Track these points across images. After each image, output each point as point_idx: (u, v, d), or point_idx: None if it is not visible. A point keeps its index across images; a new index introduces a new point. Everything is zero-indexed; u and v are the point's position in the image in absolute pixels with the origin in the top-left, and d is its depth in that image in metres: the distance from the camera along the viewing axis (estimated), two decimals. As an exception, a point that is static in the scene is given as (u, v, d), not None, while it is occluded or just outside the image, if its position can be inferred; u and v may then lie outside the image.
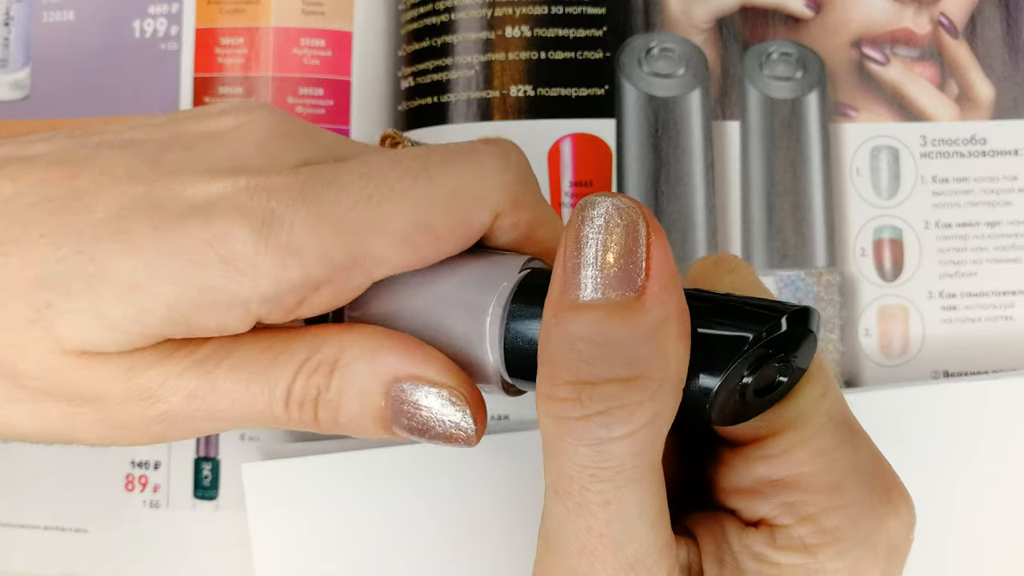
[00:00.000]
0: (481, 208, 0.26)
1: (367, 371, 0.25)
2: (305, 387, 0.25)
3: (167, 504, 0.41)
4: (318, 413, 0.25)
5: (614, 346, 0.21)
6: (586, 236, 0.22)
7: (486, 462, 0.37)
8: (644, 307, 0.21)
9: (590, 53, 0.42)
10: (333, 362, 0.25)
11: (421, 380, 0.25)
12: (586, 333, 0.21)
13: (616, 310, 0.21)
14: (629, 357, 0.21)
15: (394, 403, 0.25)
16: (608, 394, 0.21)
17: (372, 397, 0.25)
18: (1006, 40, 0.42)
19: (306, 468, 0.37)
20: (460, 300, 0.26)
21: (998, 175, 0.42)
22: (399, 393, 0.25)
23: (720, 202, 0.42)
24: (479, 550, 0.37)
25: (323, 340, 0.25)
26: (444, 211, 0.25)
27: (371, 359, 0.25)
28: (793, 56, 0.42)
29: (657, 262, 0.21)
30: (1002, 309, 0.41)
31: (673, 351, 0.21)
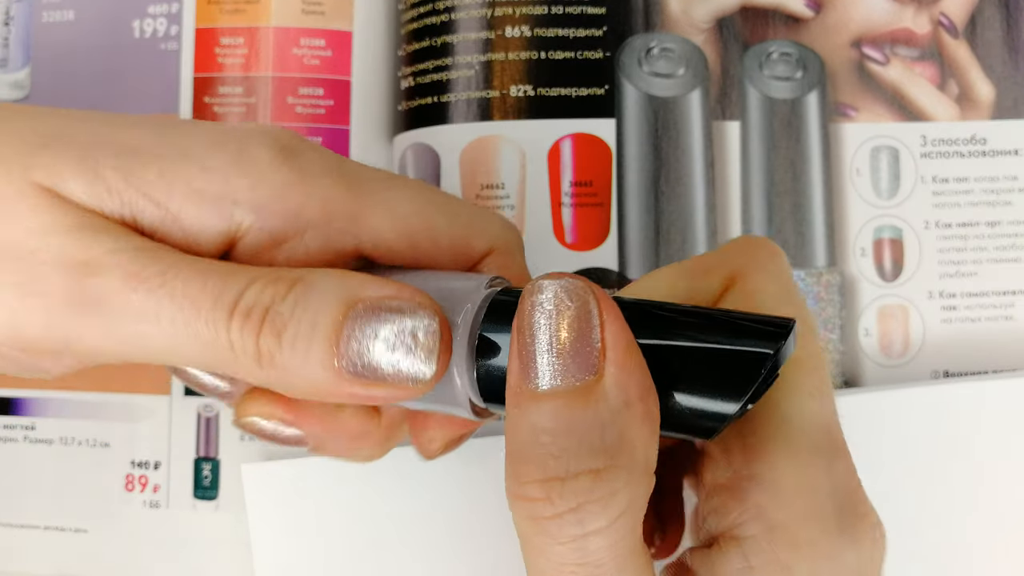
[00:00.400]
0: (482, 237, 0.27)
1: (331, 286, 0.22)
2: (259, 295, 0.22)
3: (167, 504, 0.41)
4: (262, 332, 0.22)
5: (578, 435, 0.20)
6: (537, 322, 0.21)
7: (486, 463, 0.37)
8: (604, 391, 0.20)
9: (590, 53, 0.42)
10: (296, 277, 0.23)
11: (391, 299, 0.22)
12: (549, 424, 0.20)
13: (576, 396, 0.20)
14: (595, 446, 0.20)
15: (352, 323, 0.22)
16: (579, 488, 0.20)
17: (330, 311, 0.22)
18: (1006, 40, 0.42)
19: (306, 468, 0.37)
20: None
21: (998, 175, 0.42)
22: (361, 312, 0.22)
23: (720, 202, 0.42)
24: (479, 550, 0.37)
25: (290, 268, 0.24)
26: (450, 220, 0.26)
27: (339, 278, 0.23)
28: (793, 56, 0.42)
29: (613, 342, 0.21)
30: (1002, 309, 0.41)
31: (638, 435, 0.21)
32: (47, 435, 0.42)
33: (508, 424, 0.21)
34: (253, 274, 0.23)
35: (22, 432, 0.42)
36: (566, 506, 0.20)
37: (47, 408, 0.42)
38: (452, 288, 0.25)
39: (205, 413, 0.41)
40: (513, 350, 0.21)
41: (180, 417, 0.41)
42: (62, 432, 0.41)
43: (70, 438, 0.41)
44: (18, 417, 0.42)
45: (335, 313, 0.22)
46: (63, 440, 0.41)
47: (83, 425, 0.41)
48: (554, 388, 0.20)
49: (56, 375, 0.25)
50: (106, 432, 0.41)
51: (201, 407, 0.41)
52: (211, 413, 0.41)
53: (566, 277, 0.21)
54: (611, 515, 0.20)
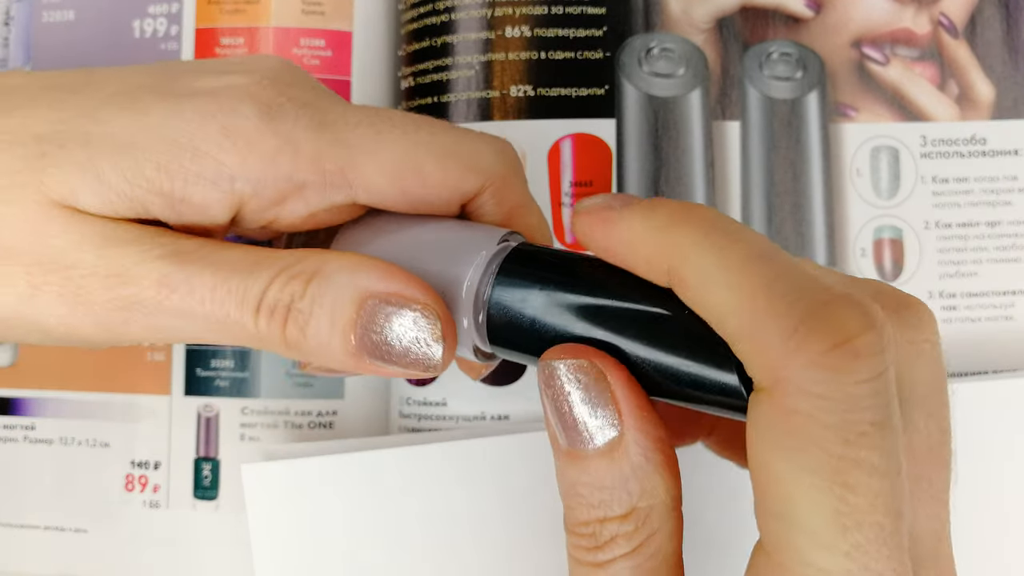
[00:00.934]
0: (472, 174, 0.27)
1: (344, 282, 0.25)
2: (279, 293, 0.25)
3: (167, 504, 0.41)
4: (287, 324, 0.25)
5: (608, 489, 0.23)
6: (556, 398, 0.23)
7: (486, 463, 0.37)
8: (625, 450, 0.23)
9: (590, 53, 0.42)
10: (313, 271, 0.25)
11: (397, 296, 0.24)
12: (585, 479, 0.23)
13: (603, 456, 0.23)
14: (622, 496, 0.23)
15: (365, 317, 0.24)
16: (612, 528, 0.23)
17: (345, 308, 0.24)
18: (1006, 40, 0.42)
19: (306, 469, 0.37)
20: (440, 261, 0.26)
21: (998, 175, 0.42)
22: (373, 307, 0.24)
23: (720, 202, 0.42)
24: (479, 551, 0.37)
25: (307, 254, 0.25)
26: (438, 162, 0.26)
27: (352, 271, 0.25)
28: (793, 56, 0.42)
29: (627, 408, 0.23)
30: (1002, 309, 0.41)
31: (659, 481, 0.23)
32: (47, 435, 0.41)
33: (557, 473, 0.24)
34: (271, 271, 0.25)
35: (22, 432, 0.42)
36: (603, 540, 0.23)
37: (47, 408, 0.42)
38: (461, 242, 0.26)
39: (205, 413, 0.41)
40: (546, 417, 0.24)
41: (180, 417, 0.41)
42: (62, 432, 0.41)
43: (70, 438, 0.41)
44: (18, 417, 0.42)
45: (350, 310, 0.24)
46: (63, 440, 0.41)
47: (83, 425, 0.41)
48: (584, 451, 0.23)
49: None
50: (106, 432, 0.41)
51: (201, 407, 0.41)
52: (211, 413, 0.41)
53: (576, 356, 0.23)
54: (633, 544, 0.23)
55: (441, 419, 0.40)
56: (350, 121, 0.26)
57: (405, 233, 0.28)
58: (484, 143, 0.28)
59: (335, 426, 0.41)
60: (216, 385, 0.41)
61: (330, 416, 0.41)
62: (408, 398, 0.40)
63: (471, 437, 0.37)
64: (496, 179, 0.28)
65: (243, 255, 0.25)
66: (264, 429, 0.41)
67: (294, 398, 0.41)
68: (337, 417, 0.41)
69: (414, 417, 0.40)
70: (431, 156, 0.27)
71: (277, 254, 0.25)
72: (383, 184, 0.26)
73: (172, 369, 0.41)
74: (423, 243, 0.27)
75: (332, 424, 0.41)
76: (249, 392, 0.41)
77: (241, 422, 0.41)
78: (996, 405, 0.38)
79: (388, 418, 0.41)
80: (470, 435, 0.38)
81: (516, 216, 0.29)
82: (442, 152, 0.27)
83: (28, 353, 0.42)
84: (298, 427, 0.41)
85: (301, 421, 0.41)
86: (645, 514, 0.23)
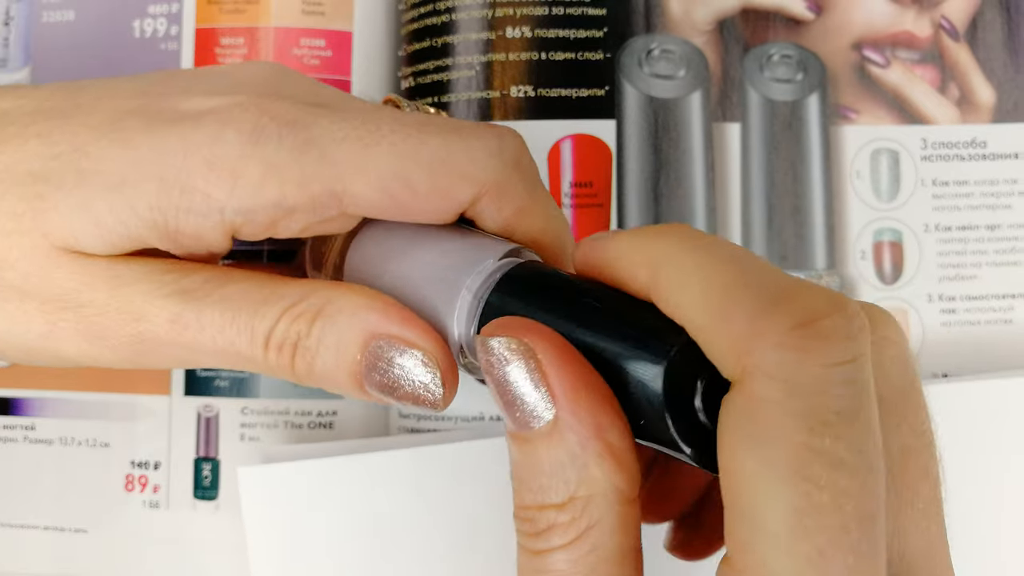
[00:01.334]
0: (463, 183, 0.26)
1: (348, 324, 0.25)
2: (287, 330, 0.26)
3: (167, 504, 0.41)
4: (295, 359, 0.26)
5: (546, 474, 0.22)
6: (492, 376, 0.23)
7: (482, 466, 0.37)
8: (560, 434, 0.22)
9: (591, 54, 0.42)
10: (317, 311, 0.26)
11: (399, 340, 0.25)
12: (524, 462, 0.23)
13: (538, 440, 0.22)
14: (559, 483, 0.22)
15: (369, 358, 0.25)
16: (550, 516, 0.22)
17: (349, 349, 0.25)
18: (1007, 43, 0.42)
19: (302, 472, 0.37)
20: (438, 272, 0.26)
21: (998, 178, 0.42)
22: (376, 349, 0.25)
23: (720, 204, 0.42)
24: (475, 554, 0.37)
25: (312, 290, 0.26)
26: (427, 173, 0.26)
27: (353, 313, 0.25)
28: (794, 58, 0.42)
29: (560, 390, 0.22)
30: (1001, 312, 0.41)
31: (598, 469, 0.22)
32: (47, 435, 0.41)
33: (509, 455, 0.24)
34: (277, 309, 0.26)
35: (22, 432, 0.42)
36: (542, 527, 0.22)
37: (47, 408, 0.42)
38: (463, 256, 0.26)
39: (205, 413, 0.41)
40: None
41: (180, 417, 0.41)
42: (62, 432, 0.41)
43: (70, 438, 0.41)
44: (18, 417, 0.42)
45: (354, 351, 0.25)
46: (63, 440, 0.41)
47: (83, 425, 0.41)
48: (521, 432, 0.22)
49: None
50: (106, 432, 0.41)
51: (201, 407, 0.41)
52: (211, 413, 0.41)
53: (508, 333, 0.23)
54: (570, 536, 0.22)
55: (440, 420, 0.40)
56: (336, 136, 0.26)
57: (406, 250, 0.28)
58: (479, 146, 0.27)
59: (335, 426, 0.41)
60: (216, 385, 0.41)
61: (330, 416, 0.41)
62: (408, 399, 0.40)
63: (470, 438, 0.37)
64: (490, 185, 0.27)
65: (248, 289, 0.26)
66: (264, 429, 0.41)
67: (294, 398, 0.41)
68: (337, 417, 0.41)
69: (413, 417, 0.40)
70: (420, 168, 0.26)
71: (282, 289, 0.26)
72: (373, 199, 0.26)
73: (172, 369, 0.41)
74: (420, 264, 0.27)
75: (332, 424, 0.41)
76: (249, 392, 0.41)
77: (241, 422, 0.41)
78: (995, 407, 0.38)
79: (388, 418, 0.41)
80: (469, 436, 0.38)
81: (518, 221, 0.28)
82: (432, 162, 0.26)
83: (28, 352, 0.42)
84: (298, 427, 0.41)
85: (301, 421, 0.41)
86: (582, 505, 0.22)
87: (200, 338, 0.26)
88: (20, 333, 0.27)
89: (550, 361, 0.22)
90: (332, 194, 0.26)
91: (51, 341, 0.27)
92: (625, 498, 0.22)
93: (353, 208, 0.26)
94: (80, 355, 0.27)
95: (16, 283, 0.26)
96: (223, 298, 0.26)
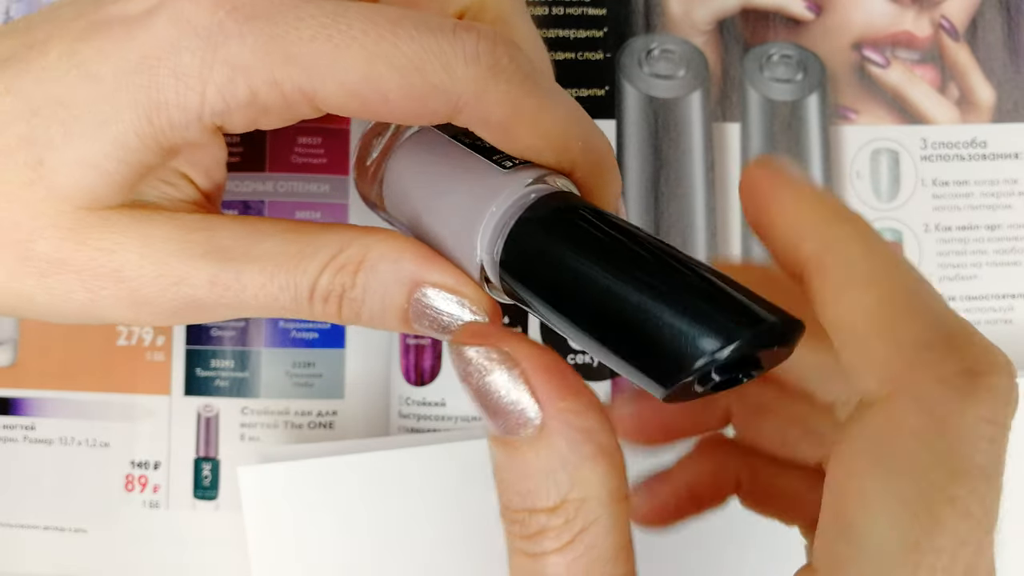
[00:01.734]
0: (436, 94, 0.24)
1: (391, 274, 0.25)
2: (330, 283, 0.26)
3: (167, 504, 0.41)
4: (342, 308, 0.26)
5: (534, 479, 0.22)
6: (470, 383, 0.23)
7: (482, 464, 0.37)
8: (548, 439, 0.22)
9: (591, 54, 0.42)
10: (358, 262, 0.26)
11: (441, 287, 0.25)
12: (508, 466, 0.22)
13: (525, 445, 0.22)
14: (549, 487, 0.22)
15: (416, 306, 0.25)
16: (540, 520, 0.22)
17: (396, 299, 0.26)
18: (1007, 43, 0.43)
19: (302, 472, 0.37)
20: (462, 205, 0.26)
21: (998, 178, 0.42)
22: (421, 297, 0.25)
23: (720, 204, 0.42)
24: (474, 553, 0.37)
25: (349, 240, 0.26)
26: (399, 81, 0.24)
27: (395, 262, 0.25)
28: (794, 58, 0.42)
29: (546, 396, 0.22)
30: (1001, 312, 0.41)
31: (591, 472, 0.22)
32: (47, 435, 0.41)
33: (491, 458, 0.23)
34: (318, 263, 0.26)
35: (22, 432, 0.42)
36: (533, 531, 0.22)
37: (47, 408, 0.42)
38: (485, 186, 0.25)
39: (205, 413, 0.41)
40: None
41: (180, 417, 0.41)
42: (62, 432, 0.41)
43: (70, 438, 0.41)
44: (18, 417, 0.42)
45: (400, 300, 0.25)
46: (63, 440, 0.41)
47: (83, 425, 0.41)
48: (507, 438, 0.22)
49: None
50: (106, 432, 0.41)
51: (201, 407, 0.41)
52: (211, 413, 0.41)
53: (485, 341, 0.23)
54: (564, 539, 0.22)
55: (440, 419, 0.40)
56: (303, 35, 0.24)
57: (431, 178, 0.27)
58: (453, 52, 0.24)
59: (335, 426, 0.41)
60: (216, 385, 0.41)
61: (330, 416, 0.41)
62: (407, 398, 0.40)
63: (470, 438, 0.37)
64: (468, 97, 0.24)
65: (283, 243, 0.26)
66: (264, 429, 0.41)
67: (294, 398, 0.41)
68: (337, 417, 0.41)
69: (413, 417, 0.40)
70: (392, 74, 0.24)
71: (317, 240, 0.26)
72: (344, 102, 0.25)
73: (172, 369, 0.41)
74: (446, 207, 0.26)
75: (332, 424, 0.41)
76: (249, 392, 0.41)
77: (241, 422, 0.41)
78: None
79: (388, 418, 0.41)
80: (469, 436, 0.38)
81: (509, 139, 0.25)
82: (404, 71, 0.24)
83: (28, 353, 0.42)
84: (298, 427, 0.41)
85: (301, 421, 0.41)
86: (576, 507, 0.22)
87: (242, 296, 0.26)
88: (62, 305, 0.27)
89: (534, 368, 0.22)
90: (302, 94, 0.24)
91: (94, 309, 0.27)
92: (618, 496, 0.22)
93: (325, 108, 0.25)
94: (124, 320, 0.27)
95: (50, 254, 0.26)
96: (260, 256, 0.26)
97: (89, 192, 0.25)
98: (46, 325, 0.41)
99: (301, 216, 0.41)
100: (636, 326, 0.21)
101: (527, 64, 0.25)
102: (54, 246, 0.26)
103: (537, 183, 0.25)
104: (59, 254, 0.26)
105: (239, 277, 0.26)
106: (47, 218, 0.26)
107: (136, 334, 0.41)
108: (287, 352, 0.41)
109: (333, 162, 0.42)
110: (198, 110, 0.25)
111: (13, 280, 0.26)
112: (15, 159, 0.26)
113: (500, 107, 0.24)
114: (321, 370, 0.41)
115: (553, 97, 0.25)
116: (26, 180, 0.26)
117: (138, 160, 0.26)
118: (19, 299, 0.27)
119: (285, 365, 0.41)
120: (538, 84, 0.25)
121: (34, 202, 0.26)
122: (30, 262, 0.26)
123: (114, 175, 0.25)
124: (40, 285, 0.26)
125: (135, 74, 0.25)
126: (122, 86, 0.25)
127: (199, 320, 0.27)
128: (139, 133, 0.25)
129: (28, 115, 0.26)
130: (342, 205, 0.41)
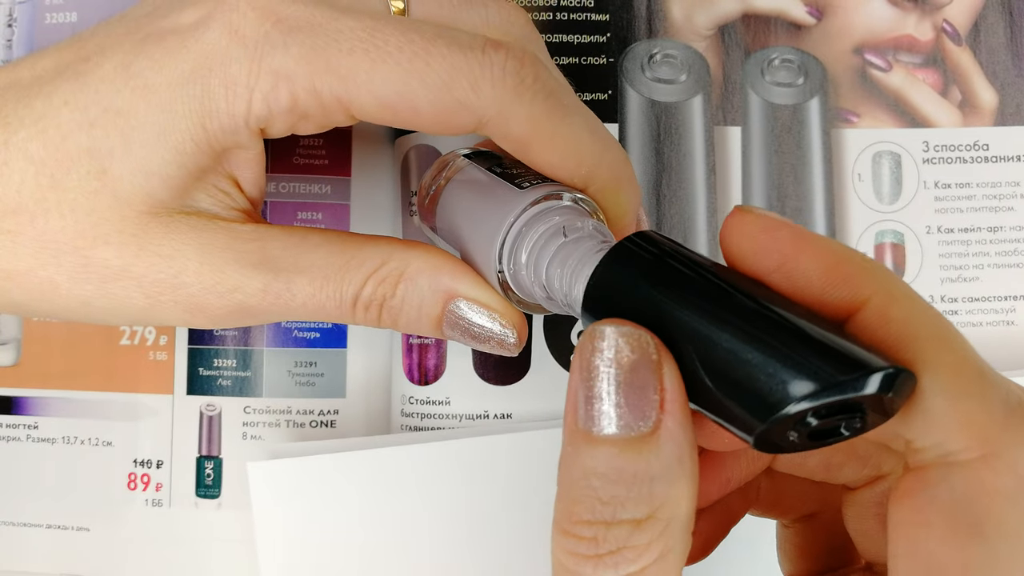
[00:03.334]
0: (463, 111, 0.26)
1: (428, 286, 0.28)
2: (372, 293, 0.28)
3: (169, 503, 0.41)
4: (381, 315, 0.29)
5: (628, 484, 0.20)
6: (596, 368, 0.21)
7: (489, 462, 0.37)
8: (658, 444, 0.20)
9: (593, 59, 0.42)
10: (399, 275, 0.28)
11: (474, 301, 0.28)
12: (602, 469, 0.21)
13: (631, 446, 0.20)
14: (642, 497, 0.20)
15: (450, 316, 0.28)
16: (620, 534, 0.20)
17: (431, 309, 0.28)
18: (1009, 47, 0.43)
19: (311, 467, 0.37)
20: (485, 223, 0.28)
21: (1000, 181, 0.42)
22: (455, 309, 0.28)
23: (721, 206, 0.42)
24: (481, 549, 0.37)
25: (390, 253, 0.28)
26: (429, 97, 0.26)
27: (432, 275, 0.28)
28: (795, 62, 0.42)
29: (672, 396, 0.21)
30: (1003, 314, 0.41)
31: (684, 491, 0.21)
32: (50, 434, 0.42)
33: (562, 461, 0.22)
34: (361, 274, 0.28)
35: (25, 431, 0.42)
36: (607, 548, 0.20)
37: (50, 407, 0.42)
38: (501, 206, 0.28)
39: (207, 412, 0.41)
40: (572, 390, 0.21)
41: (182, 416, 0.41)
42: (65, 431, 0.41)
43: (72, 437, 0.41)
44: (21, 416, 0.42)
45: (436, 310, 0.28)
46: (66, 439, 0.41)
47: (86, 424, 0.41)
48: (610, 435, 0.21)
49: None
50: (108, 431, 0.41)
51: (203, 406, 0.41)
52: (213, 412, 0.41)
53: (628, 325, 0.21)
54: (645, 561, 0.20)
55: (443, 418, 0.40)
56: (343, 47, 0.26)
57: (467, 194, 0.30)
58: (481, 72, 0.26)
59: (337, 425, 0.41)
60: (218, 384, 0.41)
61: (332, 415, 0.41)
62: (410, 397, 0.40)
63: (473, 436, 0.37)
64: (491, 115, 0.26)
65: (330, 255, 0.28)
66: (266, 428, 0.41)
67: (296, 397, 0.41)
68: (339, 416, 0.41)
69: (416, 416, 0.40)
70: (424, 90, 0.26)
71: (362, 253, 0.28)
72: (377, 111, 0.26)
73: (175, 368, 0.41)
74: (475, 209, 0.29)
75: (334, 423, 0.41)
76: (251, 391, 0.41)
77: (243, 421, 0.41)
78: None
79: (389, 417, 0.41)
80: (472, 434, 0.38)
81: (529, 155, 0.27)
82: (434, 87, 0.26)
83: (31, 353, 0.42)
84: (300, 426, 0.41)
85: (303, 420, 0.41)
86: (663, 527, 0.20)
87: (291, 304, 0.28)
88: (120, 309, 0.28)
89: (671, 370, 0.21)
90: (339, 102, 0.26)
91: (152, 313, 0.28)
92: (691, 527, 0.21)
93: (360, 116, 0.27)
94: (180, 323, 0.29)
95: (112, 261, 0.27)
96: (309, 266, 0.28)
97: (152, 197, 0.27)
98: (49, 325, 0.41)
99: (302, 217, 0.41)
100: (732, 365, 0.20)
101: (551, 82, 0.27)
102: (116, 252, 0.27)
103: (548, 200, 0.27)
104: (120, 260, 0.27)
105: (289, 287, 0.28)
106: (111, 224, 0.27)
107: (139, 333, 0.41)
108: (289, 351, 0.41)
109: (334, 164, 0.42)
110: (245, 115, 0.26)
111: (75, 286, 0.28)
112: (78, 169, 0.27)
113: (519, 126, 0.26)
114: (323, 369, 0.41)
115: (571, 116, 0.27)
116: (91, 189, 0.27)
117: (195, 164, 0.27)
118: (79, 304, 0.28)
119: (287, 364, 0.41)
120: (560, 103, 0.27)
121: (99, 210, 0.27)
122: (91, 268, 0.27)
123: (175, 179, 0.27)
124: (100, 291, 0.28)
125: (188, 84, 0.26)
126: (177, 96, 0.26)
127: (246, 324, 0.30)
128: (195, 139, 0.27)
129: (87, 126, 0.27)
130: (344, 206, 0.42)
